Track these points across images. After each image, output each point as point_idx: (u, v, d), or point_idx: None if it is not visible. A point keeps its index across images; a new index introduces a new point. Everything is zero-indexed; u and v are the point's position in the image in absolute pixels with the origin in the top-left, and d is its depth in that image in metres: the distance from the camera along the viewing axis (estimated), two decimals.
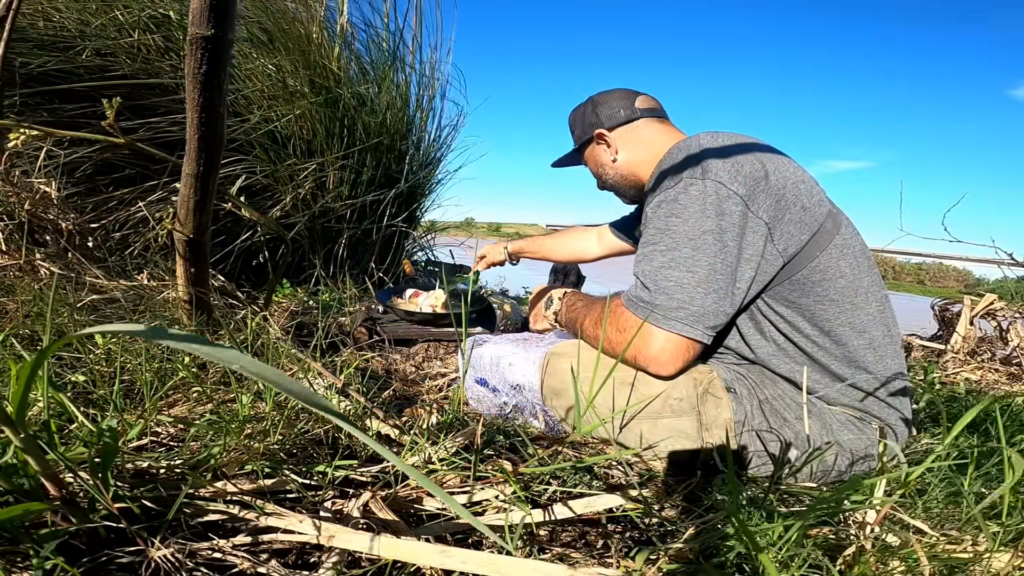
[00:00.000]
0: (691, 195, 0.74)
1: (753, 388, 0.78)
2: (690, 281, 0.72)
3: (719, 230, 0.72)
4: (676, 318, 0.72)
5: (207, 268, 0.94)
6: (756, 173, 0.73)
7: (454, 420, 0.76)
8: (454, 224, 2.82)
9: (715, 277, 0.72)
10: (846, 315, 0.76)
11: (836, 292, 0.75)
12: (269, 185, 1.88)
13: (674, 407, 0.75)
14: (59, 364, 0.70)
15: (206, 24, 0.66)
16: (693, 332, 0.72)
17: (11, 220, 1.12)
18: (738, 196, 0.72)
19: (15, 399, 0.33)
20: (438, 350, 1.33)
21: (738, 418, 0.75)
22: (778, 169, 0.75)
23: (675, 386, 0.76)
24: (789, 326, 0.77)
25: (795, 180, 0.75)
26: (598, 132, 0.97)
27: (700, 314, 0.72)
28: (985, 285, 3.71)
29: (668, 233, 0.75)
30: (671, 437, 0.74)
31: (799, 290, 0.76)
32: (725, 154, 0.75)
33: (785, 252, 0.74)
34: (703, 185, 0.73)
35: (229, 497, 0.49)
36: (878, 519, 0.51)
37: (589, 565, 0.48)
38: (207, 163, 0.78)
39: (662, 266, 0.74)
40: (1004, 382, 1.53)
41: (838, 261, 0.76)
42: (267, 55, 1.87)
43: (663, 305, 0.73)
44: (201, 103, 0.72)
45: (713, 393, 0.76)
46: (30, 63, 1.56)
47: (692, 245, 0.73)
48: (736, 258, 0.72)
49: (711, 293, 0.72)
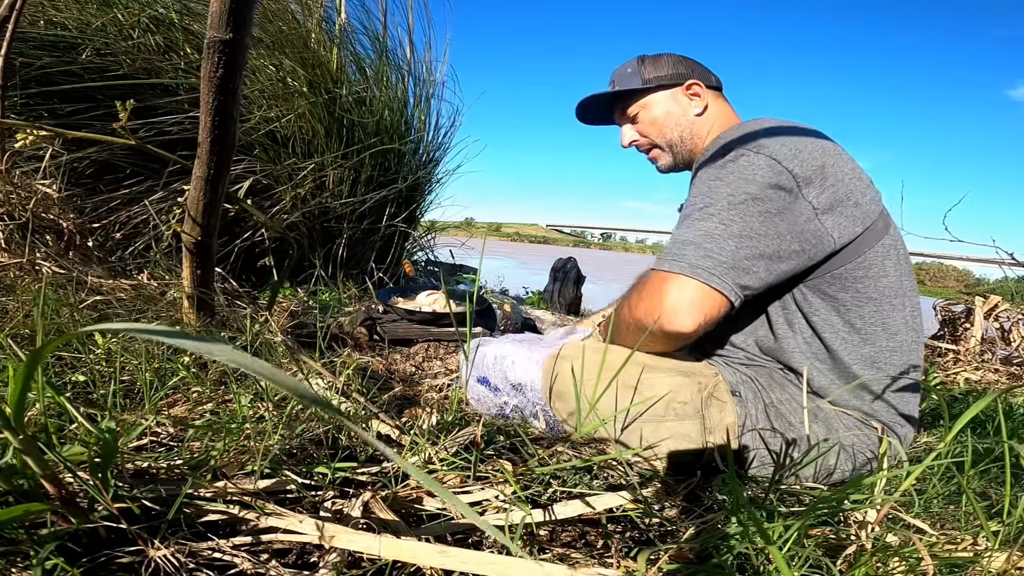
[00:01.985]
0: (740, 164, 0.72)
1: (759, 391, 0.77)
2: (722, 233, 0.69)
3: (764, 197, 0.69)
4: (702, 266, 0.68)
5: (213, 269, 0.94)
6: (814, 161, 0.72)
7: (454, 420, 0.76)
8: (454, 224, 2.82)
9: (752, 235, 0.68)
10: (881, 315, 0.75)
11: (876, 291, 0.74)
12: (269, 185, 1.88)
13: (678, 410, 0.75)
14: (59, 364, 0.70)
15: (224, 28, 0.66)
16: (720, 284, 0.68)
17: (12, 220, 1.12)
18: (790, 174, 0.70)
19: (12, 400, 0.33)
20: (438, 350, 1.33)
21: (742, 422, 0.74)
22: (836, 163, 0.73)
23: (679, 390, 0.75)
24: (822, 320, 0.76)
25: (852, 176, 0.74)
26: (693, 82, 0.93)
27: (729, 266, 0.67)
28: (985, 285, 3.71)
29: (708, 195, 0.72)
30: (674, 440, 0.74)
31: (839, 284, 0.74)
32: (786, 137, 0.73)
33: (839, 240, 0.72)
34: (755, 157, 0.71)
35: (229, 497, 0.49)
36: (878, 519, 0.51)
37: (589, 565, 0.48)
38: (218, 166, 0.78)
39: (696, 220, 0.71)
40: (1004, 382, 1.53)
41: (884, 260, 0.74)
42: (267, 55, 1.87)
43: (689, 255, 0.69)
44: (215, 106, 0.72)
45: (717, 397, 0.75)
46: (30, 63, 1.55)
47: (730, 202, 0.70)
48: (779, 228, 0.69)
49: (743, 248, 0.68)
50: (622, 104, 1.00)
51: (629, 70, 0.98)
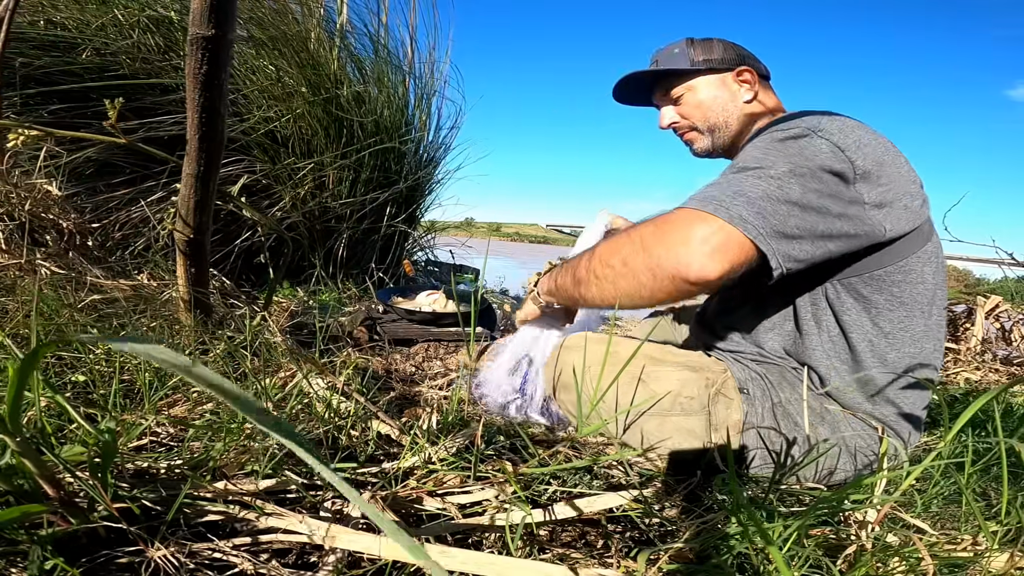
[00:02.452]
0: (801, 144, 0.68)
1: (768, 389, 0.76)
2: (778, 196, 0.64)
3: (823, 178, 0.66)
4: (750, 222, 0.62)
5: (207, 268, 0.93)
6: (875, 157, 0.69)
7: (454, 420, 0.76)
8: (454, 224, 2.82)
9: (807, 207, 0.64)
10: (910, 321, 0.74)
11: (910, 297, 0.73)
12: (269, 185, 1.88)
13: (684, 405, 0.74)
14: (59, 364, 0.70)
15: (207, 24, 0.66)
16: (765, 245, 0.62)
17: (11, 220, 1.12)
18: (850, 164, 0.67)
19: (9, 401, 0.33)
20: (438, 350, 1.33)
21: (748, 420, 0.74)
22: (895, 163, 0.71)
23: (686, 384, 0.75)
24: (851, 320, 0.74)
25: (907, 179, 0.72)
26: (744, 68, 0.91)
27: (778, 231, 0.63)
28: (985, 285, 3.70)
29: (764, 159, 0.67)
30: (679, 436, 0.73)
31: (875, 286, 0.73)
32: (847, 128, 0.70)
33: (890, 232, 0.69)
34: (818, 140, 0.68)
35: (229, 497, 0.49)
36: (878, 518, 0.51)
37: (589, 565, 0.48)
38: (207, 163, 0.78)
39: (750, 176, 0.66)
40: (1005, 382, 1.53)
41: (923, 267, 0.73)
42: (266, 55, 1.87)
43: (738, 206, 0.62)
44: (201, 103, 0.72)
45: (725, 394, 0.75)
46: (30, 63, 1.55)
47: (791, 170, 0.65)
48: (834, 209, 0.66)
49: (794, 217, 0.64)
50: (665, 84, 0.97)
51: (676, 50, 0.95)
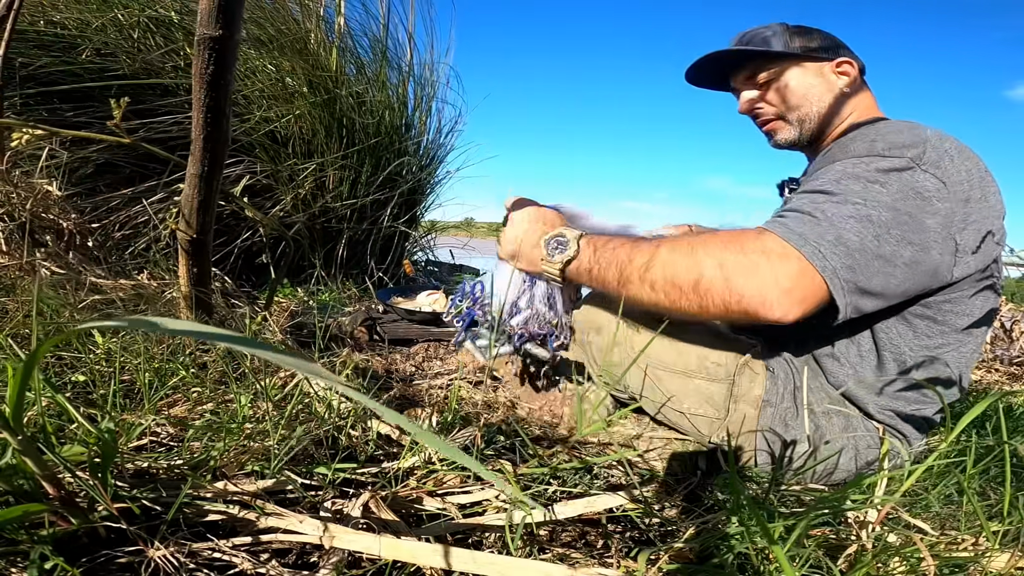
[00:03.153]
0: (905, 178, 0.64)
1: (791, 374, 0.76)
2: (873, 248, 0.61)
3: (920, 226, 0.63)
4: (841, 276, 0.60)
5: (209, 268, 0.93)
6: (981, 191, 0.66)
7: (454, 420, 0.76)
8: (454, 224, 2.82)
9: (894, 263, 0.62)
10: (948, 347, 0.71)
11: (951, 326, 0.70)
12: (269, 185, 1.88)
13: (710, 370, 0.73)
14: (59, 364, 0.70)
15: (214, 24, 0.66)
16: (842, 291, 0.61)
17: (12, 220, 1.12)
18: (955, 201, 0.64)
19: (11, 400, 0.33)
20: (438, 350, 1.33)
21: (768, 397, 0.73)
22: (994, 195, 0.67)
23: (715, 350, 0.74)
24: (887, 339, 0.72)
25: (998, 212, 0.68)
26: (845, 60, 0.86)
27: (862, 287, 0.62)
28: None
29: (864, 195, 0.64)
30: (697, 399, 0.72)
31: (921, 312, 0.70)
32: (948, 155, 0.66)
33: (955, 277, 0.67)
34: (924, 176, 0.64)
35: (229, 497, 0.49)
36: (879, 518, 0.51)
37: (589, 565, 0.48)
38: (211, 163, 0.78)
39: (850, 217, 0.62)
40: (1004, 382, 1.53)
41: (973, 298, 0.70)
42: (266, 55, 1.87)
43: (834, 251, 0.60)
44: (207, 103, 0.72)
45: (751, 368, 0.74)
46: (30, 63, 1.55)
47: (894, 218, 0.62)
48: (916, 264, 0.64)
49: (880, 275, 0.62)
50: (752, 67, 0.90)
51: (769, 33, 0.89)
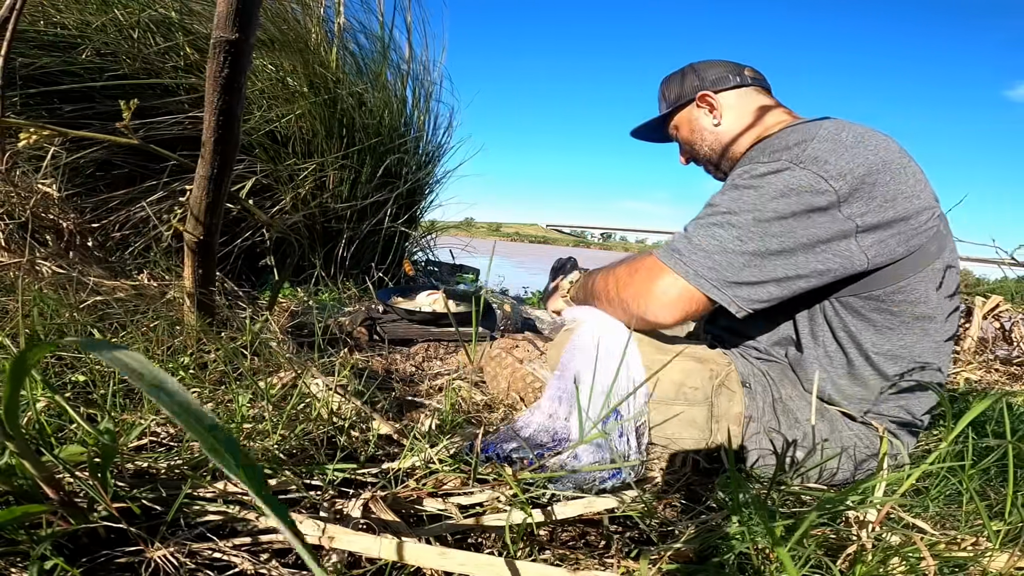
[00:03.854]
0: (781, 177, 0.68)
1: (769, 386, 0.77)
2: (736, 248, 0.68)
3: (793, 216, 0.67)
4: (705, 277, 0.69)
5: (214, 269, 0.94)
6: (868, 177, 0.66)
7: (455, 421, 0.76)
8: (454, 224, 2.81)
9: (767, 255, 0.68)
10: (912, 338, 0.72)
11: (911, 316, 0.71)
12: (269, 185, 1.88)
13: (688, 395, 0.74)
14: (59, 364, 0.70)
15: (231, 28, 0.66)
16: (719, 295, 0.69)
17: (12, 220, 1.12)
18: (834, 192, 0.66)
19: (5, 403, 0.33)
20: (438, 350, 1.33)
21: (749, 413, 0.74)
22: (894, 180, 0.68)
23: (691, 374, 0.75)
24: (848, 337, 0.74)
25: (910, 194, 0.68)
26: (701, 94, 0.89)
27: (732, 282, 0.69)
28: (985, 285, 3.70)
29: (735, 201, 0.70)
30: (680, 425, 0.73)
31: (873, 305, 0.71)
32: (840, 147, 0.68)
33: (874, 260, 0.68)
34: (799, 171, 0.67)
35: (229, 497, 0.49)
36: (879, 518, 0.51)
37: (590, 566, 0.48)
38: (221, 166, 0.78)
39: (714, 225, 0.70)
40: (1005, 382, 1.53)
41: (927, 286, 0.70)
42: (267, 55, 1.87)
43: (698, 262, 0.70)
44: (220, 106, 0.72)
45: (728, 386, 0.75)
46: (30, 63, 1.55)
47: (756, 217, 0.68)
48: (800, 252, 0.67)
49: (752, 267, 0.68)
50: (665, 127, 1.00)
51: (658, 94, 0.97)
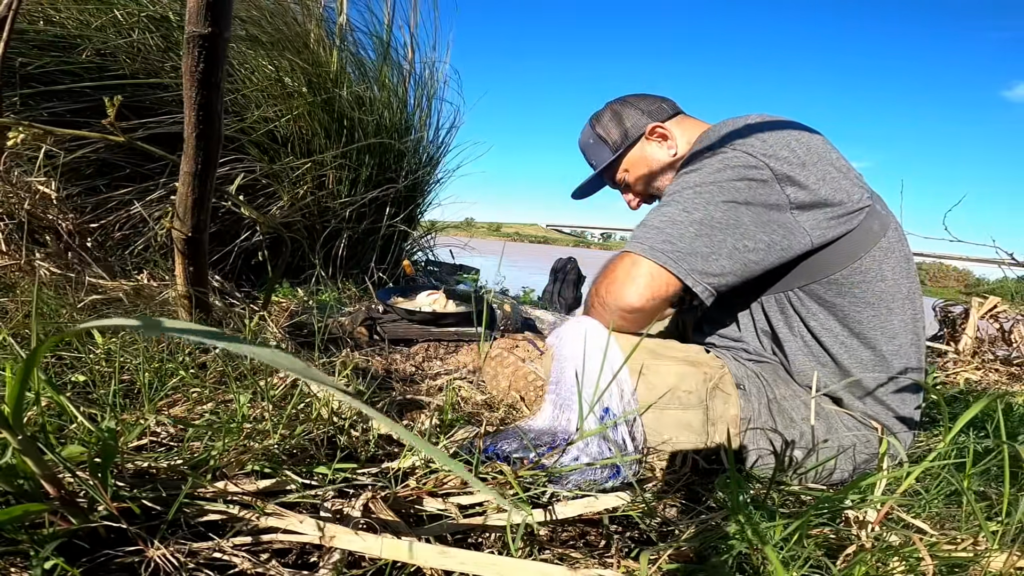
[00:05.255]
0: (716, 159, 0.72)
1: (763, 387, 0.78)
2: (684, 219, 0.71)
3: (731, 188, 0.70)
4: (660, 249, 0.71)
5: (206, 266, 0.93)
6: (794, 158, 0.70)
7: (455, 420, 0.76)
8: (454, 224, 2.81)
9: (713, 223, 0.70)
10: (880, 319, 0.74)
11: (874, 296, 0.74)
12: (268, 184, 1.88)
13: (682, 399, 0.74)
14: (59, 364, 0.70)
15: (203, 22, 0.66)
16: (676, 267, 0.71)
17: (11, 220, 1.12)
18: (767, 168, 0.70)
19: (11, 400, 0.33)
20: (438, 350, 1.33)
21: (745, 415, 0.74)
22: (820, 162, 0.72)
23: (685, 378, 0.75)
24: (819, 325, 0.76)
25: (836, 175, 0.72)
26: (652, 127, 0.90)
27: (687, 251, 0.70)
28: (985, 285, 3.70)
29: (678, 184, 0.74)
30: (676, 429, 0.74)
31: (835, 290, 0.74)
32: (767, 134, 0.73)
33: (816, 239, 0.71)
34: (730, 152, 0.72)
35: (229, 497, 0.49)
36: (878, 518, 0.51)
37: (590, 565, 0.48)
38: (205, 161, 0.78)
39: (662, 205, 0.74)
40: (1004, 382, 1.53)
41: (880, 264, 0.74)
42: (266, 55, 1.87)
43: (651, 237, 0.72)
44: (199, 101, 0.72)
45: (722, 389, 0.75)
46: (29, 63, 1.55)
47: (696, 190, 0.71)
48: (744, 218, 0.70)
49: (703, 236, 0.70)
50: (608, 176, 1.00)
51: (591, 141, 0.96)
